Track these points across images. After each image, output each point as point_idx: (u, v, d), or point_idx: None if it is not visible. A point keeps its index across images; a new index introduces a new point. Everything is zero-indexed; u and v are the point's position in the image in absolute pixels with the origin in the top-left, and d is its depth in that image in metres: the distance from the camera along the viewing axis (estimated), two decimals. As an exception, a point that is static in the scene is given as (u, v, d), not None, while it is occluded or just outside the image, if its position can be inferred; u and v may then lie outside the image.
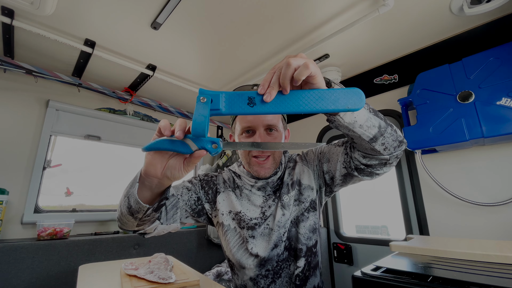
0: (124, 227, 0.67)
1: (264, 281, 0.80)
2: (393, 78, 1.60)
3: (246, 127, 0.79)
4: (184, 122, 0.48)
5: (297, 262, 0.80)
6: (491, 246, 0.62)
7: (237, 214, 0.85)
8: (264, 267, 0.80)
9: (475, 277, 0.42)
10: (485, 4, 1.07)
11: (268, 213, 0.84)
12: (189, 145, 0.47)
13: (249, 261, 0.80)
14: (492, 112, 1.13)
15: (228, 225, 0.84)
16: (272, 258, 0.80)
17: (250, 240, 0.81)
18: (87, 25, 1.28)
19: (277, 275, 0.80)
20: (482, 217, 1.21)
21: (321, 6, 1.15)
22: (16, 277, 1.31)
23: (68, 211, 1.73)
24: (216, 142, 0.48)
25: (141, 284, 0.81)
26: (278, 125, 0.81)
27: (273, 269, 0.80)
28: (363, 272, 0.47)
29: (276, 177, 0.87)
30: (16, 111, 1.61)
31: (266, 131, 0.79)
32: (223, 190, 0.89)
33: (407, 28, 1.30)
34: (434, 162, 1.38)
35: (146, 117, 2.21)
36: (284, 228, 0.81)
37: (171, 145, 0.47)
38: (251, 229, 0.82)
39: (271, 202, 0.85)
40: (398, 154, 0.66)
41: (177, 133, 0.46)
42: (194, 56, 1.54)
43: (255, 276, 0.80)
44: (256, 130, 0.78)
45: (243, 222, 0.83)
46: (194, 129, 0.45)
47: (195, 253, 2.01)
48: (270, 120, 0.78)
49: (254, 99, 0.46)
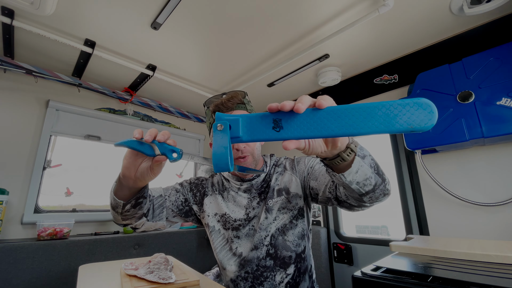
0: (115, 222, 0.77)
1: (244, 283, 0.82)
2: (393, 78, 1.60)
3: None
4: (155, 130, 0.54)
5: (286, 270, 0.82)
6: (491, 246, 0.62)
7: (223, 216, 0.89)
8: (243, 268, 0.83)
9: (475, 277, 0.42)
10: (485, 4, 1.07)
11: (251, 215, 0.87)
12: (153, 149, 0.54)
13: (231, 261, 0.85)
14: (492, 112, 1.13)
15: (213, 226, 0.89)
16: (252, 260, 0.82)
17: (235, 240, 0.85)
18: (87, 25, 1.28)
19: (257, 281, 0.81)
20: (482, 217, 1.21)
21: (321, 6, 1.15)
22: (16, 277, 1.31)
23: (68, 211, 1.73)
24: (176, 151, 0.53)
25: (141, 284, 0.81)
26: None
27: (252, 272, 0.82)
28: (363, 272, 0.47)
29: (260, 179, 0.91)
30: (16, 111, 1.61)
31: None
32: (210, 193, 0.94)
33: (407, 28, 1.30)
34: (434, 162, 1.38)
35: (146, 117, 2.21)
36: (265, 231, 0.84)
37: (138, 146, 0.54)
38: (236, 229, 0.86)
39: (255, 204, 0.89)
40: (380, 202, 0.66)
41: (146, 137, 0.52)
42: (194, 56, 1.54)
43: (235, 278, 0.83)
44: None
45: (228, 224, 0.88)
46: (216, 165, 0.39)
47: (195, 253, 2.01)
48: None
49: (281, 122, 0.39)
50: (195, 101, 2.20)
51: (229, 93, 0.86)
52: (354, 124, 0.36)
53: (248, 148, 0.84)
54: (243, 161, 0.83)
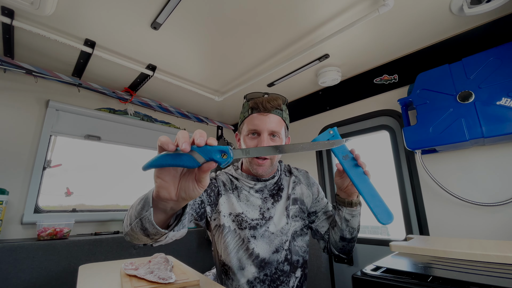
0: (135, 242, 0.60)
1: (261, 286, 0.81)
2: (393, 78, 1.60)
3: (253, 130, 0.84)
4: (186, 133, 0.42)
5: (295, 273, 0.87)
6: (491, 246, 0.62)
7: (238, 215, 0.86)
8: (263, 270, 0.82)
9: (475, 277, 0.42)
10: (485, 4, 1.07)
11: (267, 215, 0.87)
12: (195, 158, 0.41)
13: (249, 261, 0.82)
14: (492, 112, 1.13)
15: (229, 227, 0.85)
16: (272, 263, 0.83)
17: (251, 240, 0.83)
18: (87, 25, 1.28)
19: (273, 284, 0.82)
20: (482, 217, 1.21)
21: (321, 6, 1.15)
22: (16, 277, 1.31)
23: (68, 211, 1.73)
24: (225, 151, 0.41)
25: (141, 284, 0.81)
26: (281, 132, 0.86)
27: (271, 275, 0.82)
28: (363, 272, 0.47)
29: (273, 181, 0.94)
30: (16, 111, 1.61)
31: (270, 136, 0.84)
32: (223, 192, 0.90)
33: (407, 28, 1.30)
34: (434, 162, 1.38)
35: (146, 117, 2.21)
36: (286, 236, 0.86)
37: (174, 159, 0.40)
38: (253, 229, 0.84)
39: (270, 204, 0.90)
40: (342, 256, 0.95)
41: (182, 145, 0.39)
42: (194, 56, 1.54)
43: (253, 279, 0.81)
44: (261, 133, 0.83)
45: (244, 223, 0.85)
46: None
47: (195, 253, 2.01)
48: (274, 126, 0.84)
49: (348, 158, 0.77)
50: (195, 101, 2.20)
51: (271, 95, 0.86)
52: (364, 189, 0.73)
53: None
54: (262, 163, 0.84)
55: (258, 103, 0.84)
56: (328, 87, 1.91)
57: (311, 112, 2.10)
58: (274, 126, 0.83)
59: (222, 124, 2.72)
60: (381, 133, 1.73)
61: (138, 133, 2.13)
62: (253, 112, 0.85)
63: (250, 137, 0.85)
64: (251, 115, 0.86)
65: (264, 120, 0.83)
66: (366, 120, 1.77)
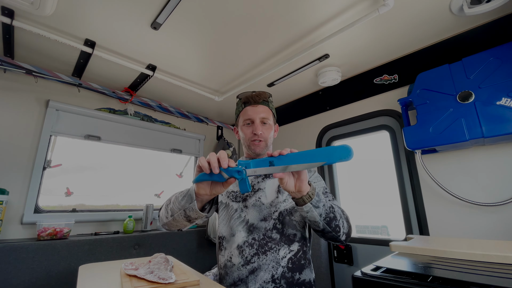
0: (173, 228, 0.91)
1: (249, 250, 0.90)
2: (393, 78, 1.60)
3: (247, 119, 1.02)
4: (216, 162, 0.66)
5: (290, 246, 0.91)
6: (491, 246, 0.62)
7: (233, 192, 1.03)
8: (251, 233, 0.92)
9: (475, 277, 0.42)
10: (485, 4, 1.07)
11: (256, 187, 1.01)
12: (222, 176, 0.67)
13: (240, 227, 0.94)
14: (492, 112, 1.13)
15: (225, 202, 1.02)
16: (260, 229, 0.93)
17: (244, 210, 0.97)
18: (87, 25, 1.28)
19: (261, 249, 0.89)
20: (482, 217, 1.21)
21: (321, 6, 1.15)
22: (16, 277, 1.31)
23: (68, 211, 1.73)
24: (240, 171, 0.66)
25: (141, 284, 0.81)
26: (270, 119, 1.04)
27: (259, 240, 0.91)
28: (363, 272, 0.47)
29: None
30: (16, 111, 1.61)
31: (261, 122, 1.01)
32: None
33: (407, 28, 1.30)
34: (434, 162, 1.38)
35: (146, 117, 2.21)
36: (275, 208, 0.97)
37: (210, 177, 0.69)
38: (244, 200, 1.00)
39: (260, 179, 1.04)
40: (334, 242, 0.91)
41: (215, 170, 0.66)
42: (194, 56, 1.54)
43: (242, 243, 0.91)
44: (254, 121, 1.01)
45: (238, 197, 1.01)
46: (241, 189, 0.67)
47: (195, 253, 2.01)
48: (264, 114, 1.02)
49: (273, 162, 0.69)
50: (195, 101, 2.20)
51: (258, 92, 1.06)
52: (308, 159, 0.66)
53: (263, 135, 1.00)
54: (258, 144, 1.00)
55: (249, 98, 1.03)
56: (328, 87, 1.91)
57: (311, 112, 2.10)
58: (264, 114, 1.01)
59: (222, 124, 2.72)
60: (381, 133, 1.73)
61: (138, 133, 2.13)
62: (246, 105, 1.04)
63: (246, 125, 1.03)
64: (244, 109, 1.04)
65: (255, 110, 1.01)
66: (366, 120, 1.77)
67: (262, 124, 1.02)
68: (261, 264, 0.87)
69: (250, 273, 0.87)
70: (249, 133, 1.02)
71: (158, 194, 2.25)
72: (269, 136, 1.04)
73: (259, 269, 0.87)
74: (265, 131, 1.02)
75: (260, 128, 1.00)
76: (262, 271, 0.87)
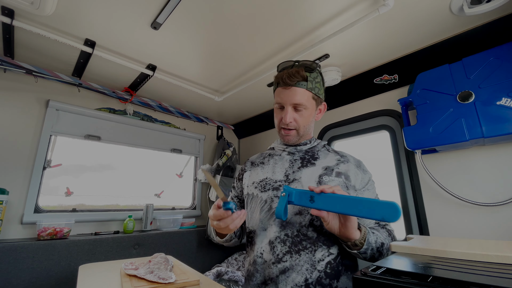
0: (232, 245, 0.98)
1: (281, 247, 0.79)
2: (393, 78, 1.60)
3: (279, 103, 0.90)
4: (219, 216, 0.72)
5: (330, 249, 0.80)
6: (491, 246, 0.62)
7: (262, 181, 0.92)
8: (284, 229, 0.81)
9: (475, 277, 0.42)
10: (485, 4, 1.07)
11: (291, 177, 0.88)
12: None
13: (271, 220, 0.84)
14: (492, 112, 1.13)
15: (252, 193, 0.93)
16: (294, 224, 0.81)
17: (275, 200, 0.85)
18: (87, 25, 1.28)
19: (295, 247, 0.78)
20: (482, 217, 1.21)
21: (321, 6, 1.15)
22: (16, 277, 1.31)
23: (68, 211, 1.73)
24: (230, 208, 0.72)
25: (141, 284, 0.81)
26: (306, 104, 0.87)
27: (292, 236, 0.80)
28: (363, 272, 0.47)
29: (305, 148, 0.96)
30: (16, 111, 1.61)
31: (293, 108, 0.87)
32: (249, 169, 1.02)
33: (407, 28, 1.30)
34: (434, 162, 1.38)
35: (146, 117, 2.21)
36: None
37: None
38: (276, 190, 0.87)
39: (296, 168, 0.90)
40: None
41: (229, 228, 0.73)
42: (194, 56, 1.54)
43: (274, 239, 0.81)
44: (285, 106, 0.88)
45: (268, 185, 0.90)
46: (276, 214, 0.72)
47: (195, 253, 2.01)
48: (297, 99, 0.86)
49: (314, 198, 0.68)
50: (195, 101, 2.20)
51: (294, 68, 0.87)
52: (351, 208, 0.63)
53: (294, 123, 0.88)
54: (287, 133, 0.90)
55: (280, 78, 0.88)
56: (328, 87, 1.91)
57: (311, 112, 2.10)
58: (298, 99, 0.85)
59: (222, 124, 2.72)
60: (381, 133, 1.73)
61: (138, 133, 2.13)
62: (279, 86, 0.89)
63: (278, 110, 0.92)
64: (277, 89, 0.90)
65: (286, 93, 0.86)
66: (366, 120, 1.77)
67: (296, 110, 0.88)
68: (293, 264, 0.77)
69: (281, 273, 0.77)
70: (279, 119, 0.90)
71: (158, 194, 2.25)
72: (304, 124, 0.90)
73: (291, 269, 0.77)
74: (299, 118, 0.88)
75: (290, 115, 0.86)
76: (294, 272, 0.76)
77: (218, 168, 2.32)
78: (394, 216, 0.55)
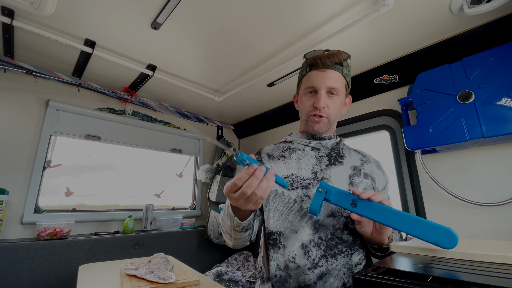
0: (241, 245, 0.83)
1: (316, 251, 0.73)
2: (393, 78, 1.60)
3: (310, 87, 0.81)
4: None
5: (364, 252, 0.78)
6: (491, 246, 0.61)
7: (287, 178, 0.82)
8: (317, 231, 0.75)
9: (475, 277, 0.42)
10: (485, 4, 1.07)
11: (320, 175, 0.81)
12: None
13: (303, 222, 0.75)
14: (492, 112, 1.13)
15: (276, 190, 0.81)
16: (327, 226, 0.75)
17: (305, 199, 0.77)
18: (87, 25, 1.28)
19: (330, 251, 0.73)
20: (482, 217, 1.21)
21: (321, 6, 1.15)
22: (16, 277, 1.31)
23: (68, 211, 1.73)
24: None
25: (141, 284, 0.81)
26: (340, 90, 0.81)
27: (326, 239, 0.74)
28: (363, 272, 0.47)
29: (331, 142, 0.89)
30: (16, 111, 1.61)
31: (327, 93, 0.80)
32: (267, 161, 0.88)
33: (407, 28, 1.30)
34: (434, 162, 1.38)
35: (146, 117, 2.21)
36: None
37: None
38: (305, 188, 0.79)
39: (324, 166, 0.83)
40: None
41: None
42: (194, 56, 1.54)
43: (308, 242, 0.74)
44: (318, 90, 0.80)
45: (296, 183, 0.80)
46: (310, 209, 0.65)
47: (195, 253, 2.01)
48: (333, 83, 0.79)
49: (357, 202, 0.62)
50: (195, 101, 2.20)
51: (332, 51, 0.82)
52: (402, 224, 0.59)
53: (327, 110, 0.80)
54: (318, 120, 0.81)
55: (317, 59, 0.80)
56: (328, 87, 1.90)
57: (311, 112, 2.10)
58: (333, 82, 0.79)
59: (222, 124, 2.72)
60: (381, 133, 1.73)
61: (138, 133, 2.13)
62: (312, 69, 0.82)
63: (308, 95, 0.83)
64: (309, 73, 0.83)
65: (322, 76, 0.79)
66: (366, 120, 1.77)
67: (329, 95, 0.81)
68: (330, 268, 0.72)
69: (318, 279, 0.72)
70: (309, 105, 0.82)
71: (158, 194, 2.25)
72: (336, 112, 0.83)
73: (328, 274, 0.72)
74: (332, 105, 0.81)
75: (324, 100, 0.79)
76: (332, 277, 0.72)
77: (218, 168, 2.32)
78: (450, 244, 0.53)
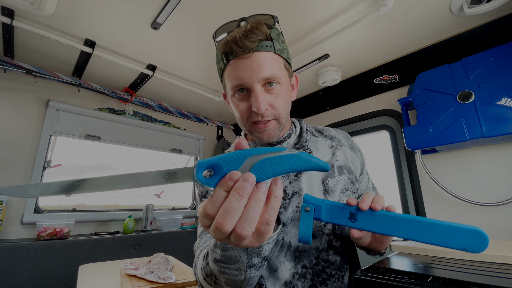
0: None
1: (302, 283, 0.60)
2: (393, 78, 1.60)
3: (237, 86, 0.57)
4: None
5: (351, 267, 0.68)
6: (491, 246, 0.62)
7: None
8: (299, 261, 0.61)
9: (475, 277, 0.42)
10: (485, 4, 1.07)
11: (289, 191, 0.64)
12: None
13: (281, 257, 0.61)
14: (492, 112, 1.13)
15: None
16: (309, 251, 0.62)
17: (282, 229, 0.62)
18: (87, 25, 1.28)
19: (318, 278, 0.61)
20: (482, 217, 1.21)
21: (321, 6, 1.15)
22: (16, 277, 1.31)
23: (68, 211, 1.73)
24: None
25: (141, 284, 0.81)
26: (280, 75, 0.58)
27: (311, 266, 0.61)
28: (363, 272, 0.47)
29: (292, 141, 0.70)
30: (16, 111, 1.61)
31: (264, 87, 0.57)
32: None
33: (407, 28, 1.30)
34: (434, 162, 1.38)
35: (146, 117, 2.21)
36: None
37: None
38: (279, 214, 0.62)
39: (293, 177, 0.65)
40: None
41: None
42: (194, 56, 1.54)
43: (291, 278, 0.60)
44: (250, 88, 0.56)
45: None
46: (300, 238, 0.49)
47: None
48: (267, 70, 0.55)
49: (356, 215, 0.46)
50: (195, 101, 2.20)
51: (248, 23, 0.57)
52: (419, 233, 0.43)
53: (271, 110, 0.58)
54: (264, 127, 0.60)
55: (231, 43, 0.55)
56: (328, 87, 1.90)
57: (311, 112, 2.10)
58: (268, 70, 0.55)
59: (222, 124, 2.72)
60: (381, 133, 1.73)
61: (138, 133, 2.13)
62: (230, 58, 0.57)
63: (238, 96, 0.59)
64: (228, 64, 0.58)
65: (248, 65, 0.55)
66: (366, 120, 1.77)
67: (267, 89, 0.57)
68: None
69: None
70: (245, 110, 0.59)
71: (158, 194, 2.25)
72: (284, 108, 0.61)
73: None
74: (276, 101, 0.58)
75: (263, 99, 0.56)
76: None
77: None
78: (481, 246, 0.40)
